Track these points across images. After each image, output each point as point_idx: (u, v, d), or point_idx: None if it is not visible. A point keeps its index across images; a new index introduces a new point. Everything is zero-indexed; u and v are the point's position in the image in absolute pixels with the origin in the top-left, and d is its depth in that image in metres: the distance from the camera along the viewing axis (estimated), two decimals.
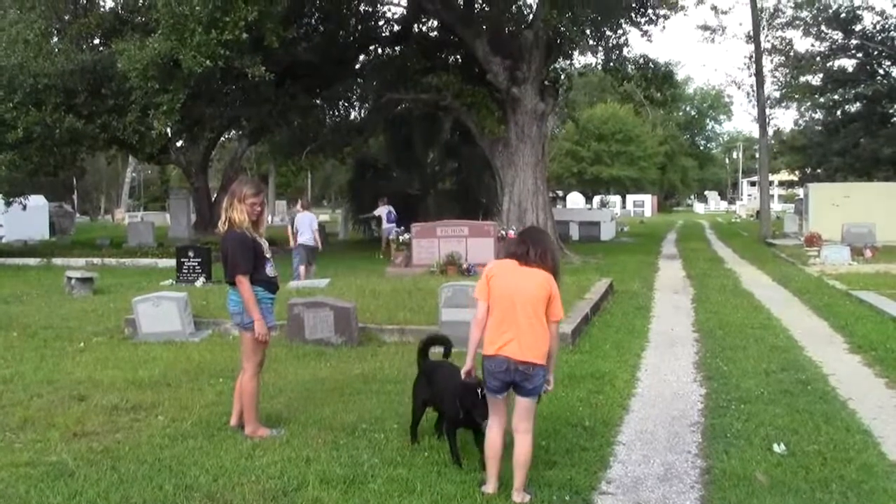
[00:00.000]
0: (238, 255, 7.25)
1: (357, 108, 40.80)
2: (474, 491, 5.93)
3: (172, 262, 22.14)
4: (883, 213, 33.18)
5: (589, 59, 35.99)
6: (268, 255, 7.51)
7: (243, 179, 7.94)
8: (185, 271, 20.28)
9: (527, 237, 6.07)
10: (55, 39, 32.28)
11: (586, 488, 6.19)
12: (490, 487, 5.86)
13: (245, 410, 7.47)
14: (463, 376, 6.09)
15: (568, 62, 35.38)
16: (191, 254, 20.57)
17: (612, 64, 33.24)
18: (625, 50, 33.37)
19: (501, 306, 5.73)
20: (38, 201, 40.38)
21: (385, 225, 30.69)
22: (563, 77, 34.76)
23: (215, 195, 45.66)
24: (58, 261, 27.47)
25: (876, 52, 50.08)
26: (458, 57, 34.28)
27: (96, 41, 33.50)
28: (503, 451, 5.87)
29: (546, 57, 29.16)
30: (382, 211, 31.59)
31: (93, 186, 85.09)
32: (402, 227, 23.20)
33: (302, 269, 20.30)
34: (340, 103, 39.62)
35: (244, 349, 7.53)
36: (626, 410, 8.51)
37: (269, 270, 7.51)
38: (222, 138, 47.99)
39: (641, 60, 33.74)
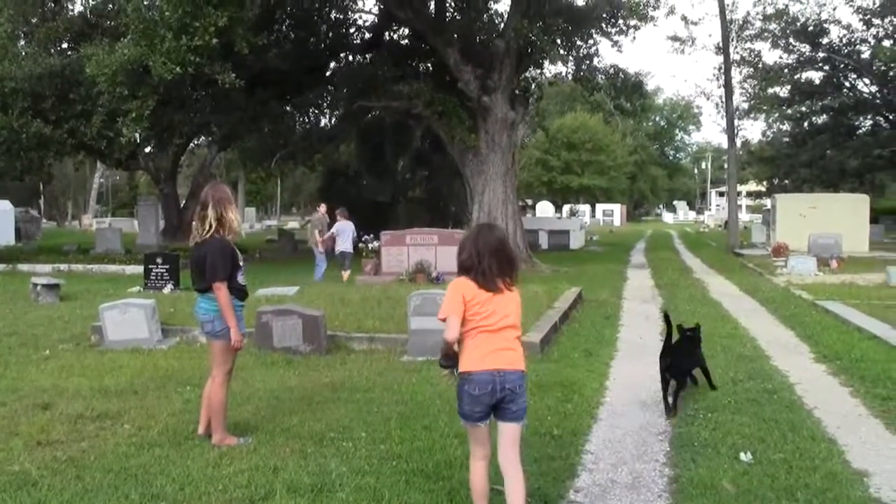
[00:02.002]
0: (218, 262, 7.19)
1: (328, 116, 40.84)
2: (443, 500, 5.91)
3: (140, 269, 21.99)
4: (849, 224, 33.55)
5: (559, 68, 36.08)
6: (241, 263, 7.48)
7: (216, 184, 7.82)
8: (153, 278, 20.13)
9: (474, 255, 5.37)
10: (22, 43, 32.05)
11: (555, 497, 6.19)
12: None
13: (213, 419, 7.40)
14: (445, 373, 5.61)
15: (539, 71, 35.47)
16: (159, 261, 20.43)
17: (582, 73, 33.41)
18: (595, 60, 33.60)
19: (482, 310, 5.26)
20: (4, 206, 40.11)
21: (342, 247, 22.83)
22: (533, 86, 34.86)
23: (184, 202, 45.51)
24: (24, 267, 27.27)
25: (842, 65, 50.64)
26: (430, 65, 34.34)
27: (64, 45, 33.26)
28: (489, 487, 5.42)
29: (517, 66, 29.26)
30: (342, 227, 23.05)
31: (60, 192, 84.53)
32: (371, 235, 23.11)
33: (323, 269, 22.04)
34: (311, 110, 39.61)
35: (215, 357, 7.47)
36: (595, 419, 8.51)
37: (241, 279, 7.49)
38: (192, 145, 47.85)
39: (612, 70, 33.92)
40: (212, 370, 7.54)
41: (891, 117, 51.74)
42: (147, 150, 41.80)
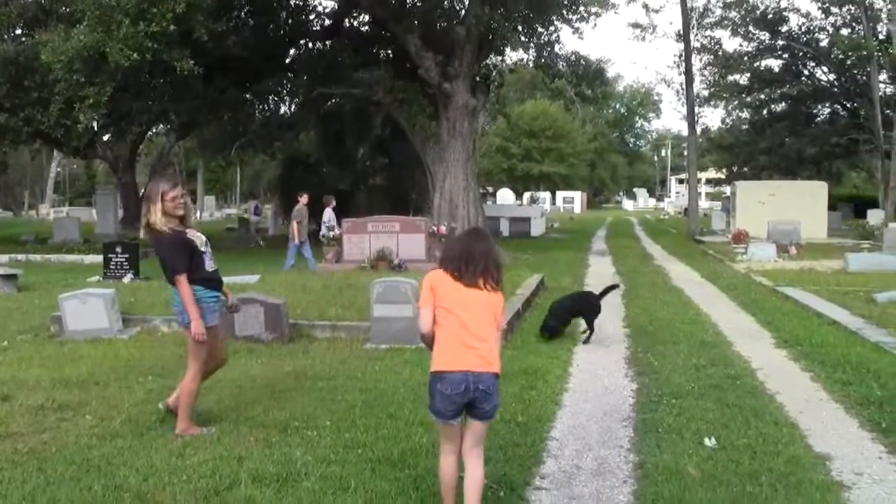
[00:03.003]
0: (174, 257, 7.11)
1: (287, 103, 40.61)
2: (409, 488, 5.89)
3: (99, 259, 21.73)
4: (807, 211, 33.97)
5: (521, 55, 36.09)
6: (204, 249, 7.33)
7: (156, 178, 7.77)
8: (113, 267, 19.93)
9: (463, 253, 5.35)
10: None
11: (520, 484, 6.19)
12: None
13: (180, 408, 7.32)
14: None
15: (500, 58, 35.44)
16: (118, 250, 20.22)
17: (543, 60, 33.44)
18: (556, 47, 33.63)
19: (453, 309, 5.20)
20: None
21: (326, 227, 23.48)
22: (494, 73, 34.83)
23: (143, 190, 45.00)
24: None
25: (801, 53, 51.14)
26: (390, 52, 34.15)
27: (18, 31, 32.77)
28: (457, 480, 5.37)
29: (478, 53, 29.18)
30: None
31: (16, 181, 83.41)
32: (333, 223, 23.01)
33: (292, 263, 21.98)
34: (270, 98, 39.35)
35: (188, 349, 7.39)
36: (559, 406, 8.53)
37: (208, 265, 7.35)
38: (150, 133, 47.39)
39: (573, 58, 34.02)
40: (187, 362, 7.46)
41: (848, 105, 52.32)
42: (105, 138, 41.39)
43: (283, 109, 40.76)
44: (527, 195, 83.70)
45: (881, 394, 8.63)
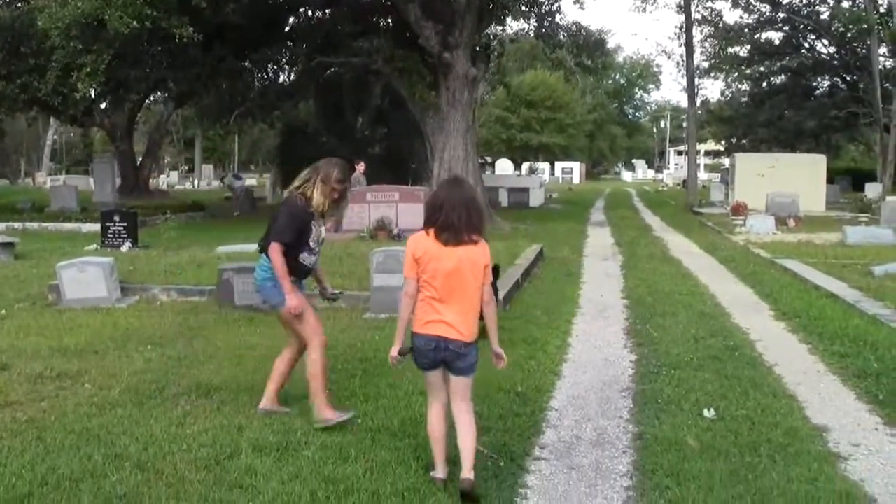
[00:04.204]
0: (286, 226, 6.73)
1: (286, 72, 40.45)
2: (409, 457, 5.91)
3: (97, 227, 21.67)
4: (806, 184, 33.91)
5: (521, 25, 35.92)
6: (314, 245, 6.92)
7: (334, 161, 7.14)
8: (111, 236, 19.90)
9: (439, 209, 5.45)
10: None
11: (520, 454, 6.20)
12: (440, 472, 5.53)
13: (313, 394, 6.75)
14: (393, 354, 5.66)
15: (500, 28, 35.30)
16: (116, 218, 20.18)
17: (544, 30, 33.30)
18: (557, 17, 33.55)
19: (432, 282, 5.39)
20: None
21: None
22: (494, 43, 34.69)
23: (140, 159, 44.99)
24: None
25: (801, 26, 50.91)
26: (390, 21, 34.00)
27: None
28: (447, 430, 5.56)
29: (478, 22, 29.06)
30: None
31: (12, 149, 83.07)
32: None
33: None
34: (269, 67, 39.16)
35: (291, 328, 6.96)
36: (558, 376, 8.55)
37: (308, 259, 6.93)
38: (148, 101, 47.20)
39: (573, 28, 33.91)
40: (302, 341, 6.95)
41: (848, 79, 52.15)
42: (102, 106, 41.25)
43: (281, 78, 40.61)
44: (525, 166, 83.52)
45: (878, 366, 8.64)
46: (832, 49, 52.44)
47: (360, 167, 23.76)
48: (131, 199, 35.37)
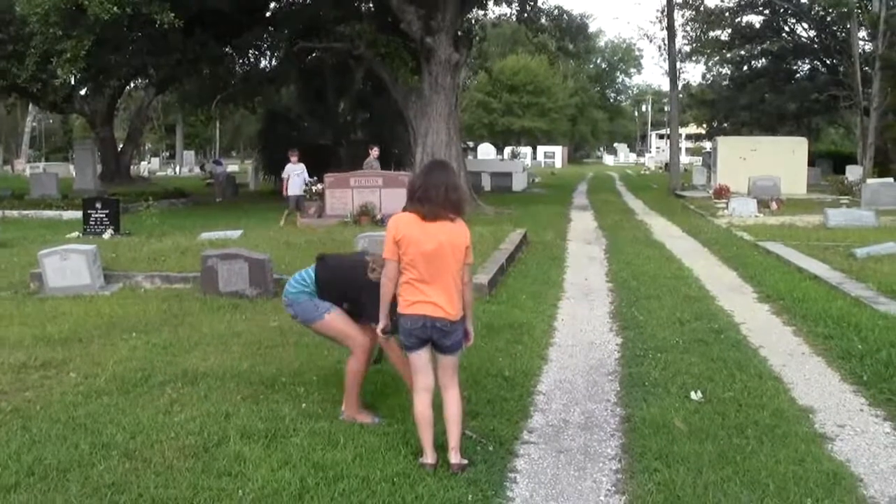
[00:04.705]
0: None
1: (268, 58, 40.32)
2: (398, 443, 5.91)
3: (78, 214, 21.58)
4: (788, 167, 34.04)
5: (503, 9, 35.88)
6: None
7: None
8: (93, 223, 19.79)
9: (420, 185, 5.59)
10: None
11: (509, 438, 6.21)
12: (430, 458, 5.55)
13: (346, 392, 6.56)
14: (378, 333, 5.87)
15: (482, 12, 35.22)
16: (98, 205, 20.08)
17: (526, 15, 33.22)
18: (539, 1, 33.43)
19: (414, 264, 5.48)
20: None
21: (292, 190, 23.76)
22: (476, 27, 34.62)
23: (121, 146, 44.73)
24: None
25: (782, 10, 50.92)
26: (372, 5, 33.89)
27: None
28: (433, 417, 5.62)
29: (461, 7, 28.97)
30: (293, 169, 24.20)
31: None
32: (315, 178, 22.93)
33: None
34: (251, 52, 39.01)
35: (332, 338, 6.78)
36: (545, 360, 8.57)
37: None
38: (128, 87, 46.92)
39: (555, 12, 33.86)
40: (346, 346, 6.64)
41: (828, 62, 52.23)
42: (82, 92, 40.97)
43: (263, 64, 40.56)
44: (508, 150, 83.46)
45: (862, 347, 8.68)
46: (812, 33, 52.51)
47: (374, 152, 24.07)
48: (112, 186, 35.22)
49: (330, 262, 6.66)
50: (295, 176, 22.89)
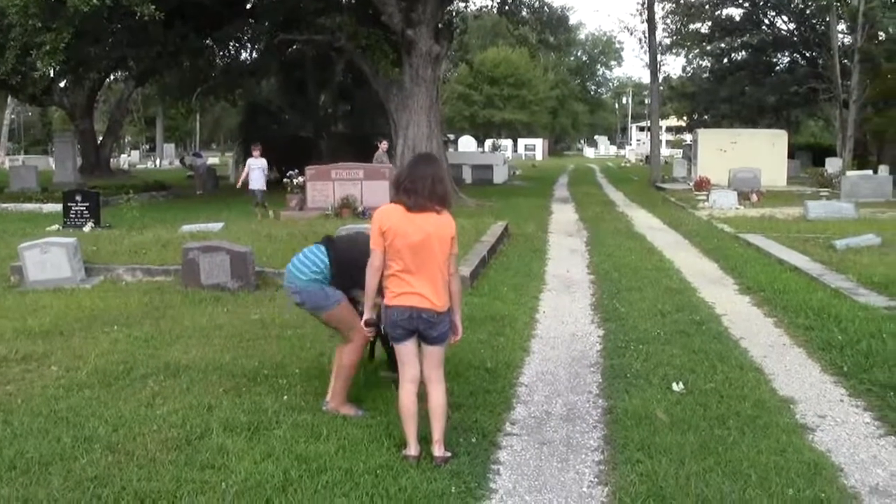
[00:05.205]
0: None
1: (249, 50, 40.12)
2: (381, 435, 5.92)
3: (58, 207, 21.44)
4: (768, 159, 34.17)
5: (484, 1, 35.89)
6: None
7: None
8: (73, 216, 19.68)
9: (407, 176, 5.65)
10: None
11: (492, 430, 6.23)
12: (412, 450, 5.56)
13: (337, 382, 6.50)
14: (363, 324, 5.91)
15: (463, 5, 35.19)
16: (78, 198, 19.96)
17: (507, 7, 33.21)
18: None
19: (401, 255, 5.49)
20: None
21: (254, 185, 22.88)
22: (457, 19, 34.57)
23: (101, 138, 44.49)
24: None
25: (761, 2, 51.12)
26: None
27: None
28: (417, 408, 5.63)
29: None
30: (255, 164, 23.18)
31: None
32: (296, 171, 22.85)
33: None
34: (232, 44, 38.80)
35: (337, 329, 6.62)
36: (527, 352, 8.59)
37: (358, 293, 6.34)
38: (108, 80, 46.63)
39: (536, 4, 33.84)
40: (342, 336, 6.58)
41: (808, 55, 52.45)
42: (62, 85, 40.71)
43: (244, 56, 40.32)
44: (488, 142, 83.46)
45: (842, 338, 8.73)
46: (792, 25, 52.70)
47: (383, 145, 24.29)
48: (92, 179, 34.96)
49: (341, 245, 6.59)
50: (257, 170, 22.71)
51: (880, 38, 43.81)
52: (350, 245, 6.64)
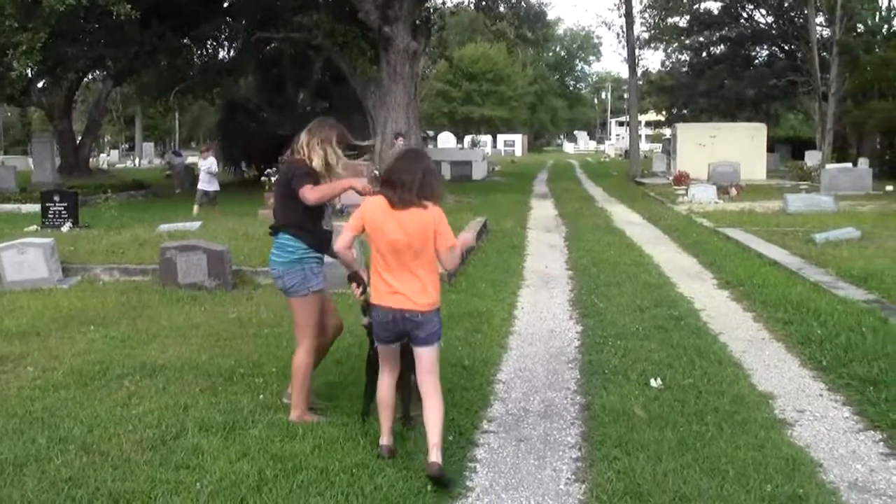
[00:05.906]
0: (304, 174, 6.11)
1: (226, 49, 39.96)
2: (357, 434, 5.89)
3: (36, 208, 21.29)
4: (747, 153, 34.32)
5: None
6: (328, 206, 6.40)
7: (330, 121, 6.66)
8: (51, 216, 19.54)
9: (394, 170, 5.55)
10: None
11: (469, 427, 6.23)
12: (385, 440, 5.58)
13: (294, 390, 6.33)
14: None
15: (440, 1, 35.14)
16: (56, 198, 19.82)
17: (484, 2, 33.18)
18: None
19: (381, 254, 5.43)
20: None
21: (202, 185, 22.86)
22: (435, 16, 34.52)
23: (80, 138, 44.23)
24: None
25: None
26: None
27: None
28: (395, 401, 5.68)
29: None
30: (204, 165, 23.66)
31: None
32: (274, 169, 22.76)
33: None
34: (209, 43, 38.64)
35: (295, 319, 6.37)
36: (505, 349, 8.57)
37: (327, 224, 6.37)
38: (86, 79, 46.38)
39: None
40: (296, 335, 6.44)
41: (786, 48, 52.68)
42: (40, 85, 40.46)
43: (221, 54, 40.14)
44: (468, 139, 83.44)
45: (821, 332, 8.75)
46: (770, 19, 52.92)
47: (400, 141, 24.12)
48: (71, 179, 34.73)
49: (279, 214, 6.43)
50: (204, 171, 22.70)
51: (859, 31, 44.10)
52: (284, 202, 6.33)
